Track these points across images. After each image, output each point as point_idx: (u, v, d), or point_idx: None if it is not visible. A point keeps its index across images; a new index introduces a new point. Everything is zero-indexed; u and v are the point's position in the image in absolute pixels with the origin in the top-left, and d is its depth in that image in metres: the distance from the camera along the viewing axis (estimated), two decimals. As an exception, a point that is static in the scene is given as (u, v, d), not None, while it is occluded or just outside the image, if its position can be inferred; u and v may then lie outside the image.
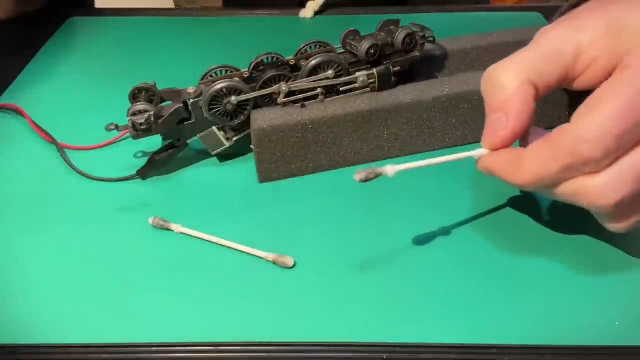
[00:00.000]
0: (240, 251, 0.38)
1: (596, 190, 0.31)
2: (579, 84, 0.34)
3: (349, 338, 0.33)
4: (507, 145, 0.34)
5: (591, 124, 0.31)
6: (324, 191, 0.43)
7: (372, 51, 0.44)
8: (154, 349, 0.33)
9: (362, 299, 0.35)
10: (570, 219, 0.39)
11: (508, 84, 0.33)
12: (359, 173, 0.33)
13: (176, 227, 0.39)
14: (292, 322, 0.34)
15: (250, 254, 0.38)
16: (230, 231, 0.39)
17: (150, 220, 0.40)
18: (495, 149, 0.34)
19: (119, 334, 0.33)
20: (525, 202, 0.41)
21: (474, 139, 0.47)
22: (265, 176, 0.44)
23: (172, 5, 0.96)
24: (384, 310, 0.34)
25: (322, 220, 0.40)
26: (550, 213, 0.40)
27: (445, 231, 0.39)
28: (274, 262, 0.37)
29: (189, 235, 0.39)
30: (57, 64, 0.59)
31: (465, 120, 0.46)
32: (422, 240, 0.39)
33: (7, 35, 0.63)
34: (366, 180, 0.33)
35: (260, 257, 0.37)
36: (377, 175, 0.34)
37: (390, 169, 0.34)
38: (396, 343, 0.33)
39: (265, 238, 0.39)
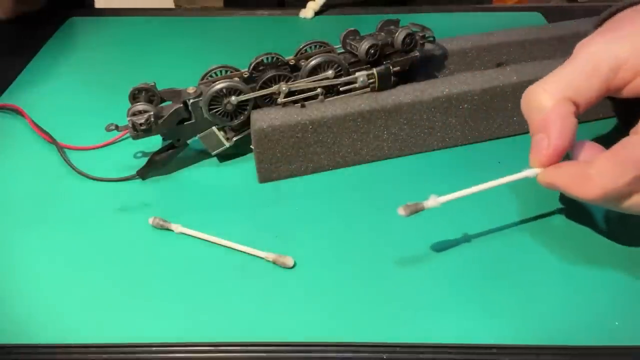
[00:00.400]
0: (240, 251, 0.38)
1: None
2: (629, 92, 0.34)
3: (349, 338, 0.33)
4: (554, 162, 0.34)
5: None
6: (324, 191, 0.43)
7: (372, 51, 0.44)
8: (154, 349, 0.33)
9: (362, 299, 0.35)
10: (568, 219, 0.39)
11: (545, 104, 0.34)
12: (403, 209, 0.35)
13: (176, 227, 0.39)
14: (292, 322, 0.34)
15: (250, 254, 0.38)
16: (230, 231, 0.39)
17: (150, 220, 0.40)
18: (543, 167, 0.34)
19: (119, 334, 0.33)
20: (524, 202, 0.41)
21: (474, 139, 0.47)
22: (265, 176, 0.44)
23: (172, 5, 0.97)
24: (384, 310, 0.34)
25: (322, 220, 0.40)
26: (560, 215, 0.40)
27: (444, 232, 0.39)
28: (274, 262, 0.37)
29: (189, 235, 0.39)
30: (57, 64, 0.59)
31: (465, 120, 0.45)
32: (422, 240, 0.39)
33: (7, 35, 0.64)
34: (411, 214, 0.35)
35: (260, 257, 0.37)
36: (421, 209, 0.35)
37: (433, 201, 0.35)
38: (396, 343, 0.33)
39: (265, 238, 0.39)
